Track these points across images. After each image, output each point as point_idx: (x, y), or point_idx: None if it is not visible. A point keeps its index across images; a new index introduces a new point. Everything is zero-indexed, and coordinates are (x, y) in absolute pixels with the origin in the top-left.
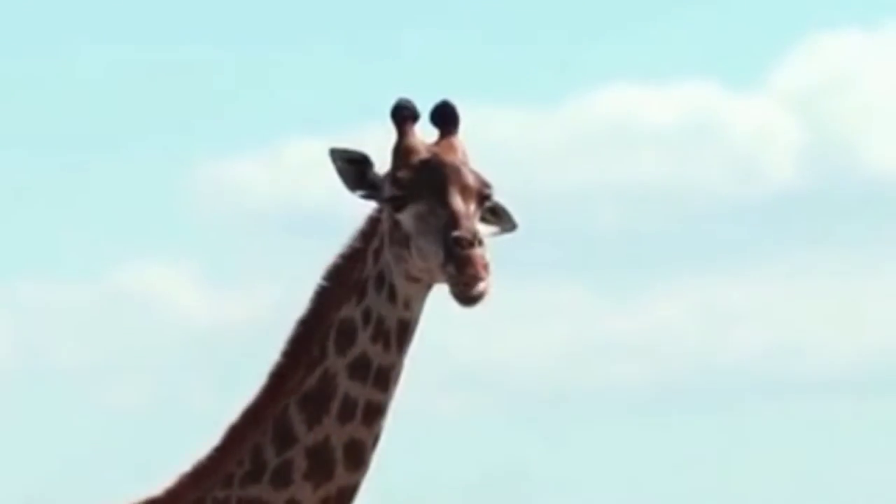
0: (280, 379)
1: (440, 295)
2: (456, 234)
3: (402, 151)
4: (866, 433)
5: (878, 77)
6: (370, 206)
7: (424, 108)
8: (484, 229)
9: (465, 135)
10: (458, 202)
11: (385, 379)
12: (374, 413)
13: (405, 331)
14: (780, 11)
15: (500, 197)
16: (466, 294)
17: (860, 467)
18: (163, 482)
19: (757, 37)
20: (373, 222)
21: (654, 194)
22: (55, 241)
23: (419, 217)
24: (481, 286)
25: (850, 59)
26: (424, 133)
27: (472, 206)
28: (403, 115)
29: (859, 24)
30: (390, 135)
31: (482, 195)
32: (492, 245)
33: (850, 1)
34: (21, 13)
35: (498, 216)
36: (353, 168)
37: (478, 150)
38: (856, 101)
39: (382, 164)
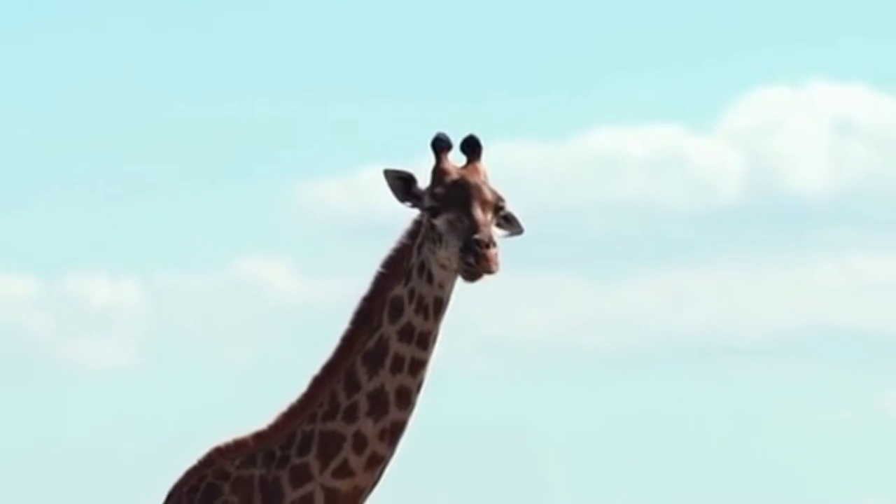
0: (349, 342)
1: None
2: (476, 237)
3: (438, 173)
4: (790, 385)
5: (801, 122)
6: (415, 212)
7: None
8: (498, 232)
9: (492, 163)
10: (478, 213)
11: (425, 341)
12: (418, 367)
13: (440, 305)
14: (727, 72)
15: (516, 208)
16: (471, 278)
17: (783, 411)
18: (266, 420)
19: (710, 91)
20: (417, 225)
21: (633, 208)
22: (188, 239)
23: (449, 223)
24: (485, 276)
25: (780, 108)
26: (456, 159)
27: (490, 215)
28: (440, 145)
29: (787, 82)
30: (431, 160)
31: (497, 206)
32: (507, 243)
33: (780, 64)
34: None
35: (510, 222)
36: (402, 184)
37: (504, 173)
38: (784, 139)
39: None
